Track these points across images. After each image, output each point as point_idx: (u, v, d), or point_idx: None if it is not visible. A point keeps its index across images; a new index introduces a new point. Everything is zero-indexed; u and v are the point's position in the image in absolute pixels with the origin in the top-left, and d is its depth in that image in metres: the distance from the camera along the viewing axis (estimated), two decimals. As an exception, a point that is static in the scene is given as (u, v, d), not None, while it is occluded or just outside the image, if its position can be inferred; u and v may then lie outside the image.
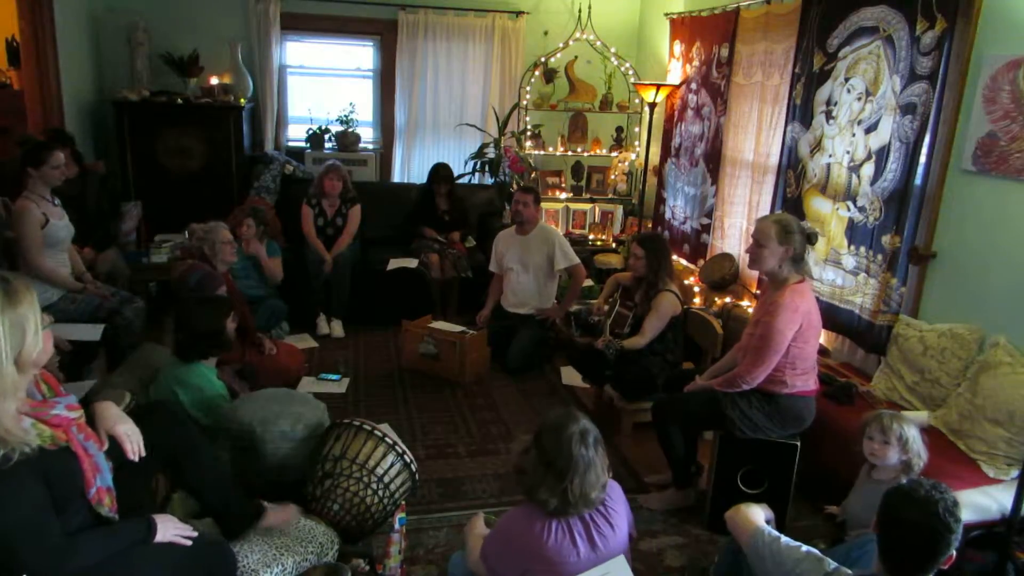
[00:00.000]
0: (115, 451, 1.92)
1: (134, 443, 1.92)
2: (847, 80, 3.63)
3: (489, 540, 2.03)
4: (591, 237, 6.04)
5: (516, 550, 1.93)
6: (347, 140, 5.91)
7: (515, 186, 5.81)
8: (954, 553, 1.68)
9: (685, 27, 5.37)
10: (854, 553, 2.09)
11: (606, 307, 4.11)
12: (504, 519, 2.03)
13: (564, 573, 1.88)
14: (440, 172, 5.38)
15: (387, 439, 2.69)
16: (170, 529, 1.93)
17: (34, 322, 1.62)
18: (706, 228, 5.02)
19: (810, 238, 2.80)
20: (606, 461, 1.96)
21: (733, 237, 4.75)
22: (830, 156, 3.76)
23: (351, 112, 5.92)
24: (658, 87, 5.36)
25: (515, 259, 4.64)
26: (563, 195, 6.10)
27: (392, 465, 2.69)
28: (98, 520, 1.82)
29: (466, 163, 5.98)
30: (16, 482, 1.59)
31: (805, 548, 1.90)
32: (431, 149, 6.17)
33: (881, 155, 3.40)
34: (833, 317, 3.67)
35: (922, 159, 3.20)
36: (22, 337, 1.59)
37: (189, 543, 1.95)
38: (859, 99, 3.55)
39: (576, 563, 1.89)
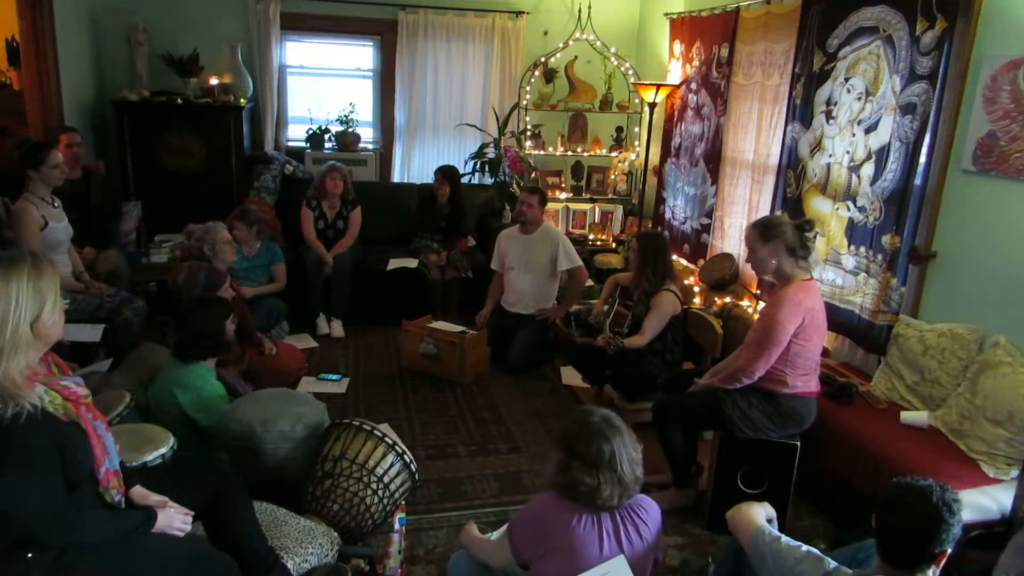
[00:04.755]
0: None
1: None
2: (847, 80, 3.63)
3: (519, 518, 2.04)
4: (591, 237, 6.04)
5: (543, 529, 1.95)
6: (347, 140, 5.90)
7: (515, 186, 5.81)
8: (948, 550, 1.68)
9: (685, 27, 5.37)
10: (859, 555, 2.09)
11: (605, 308, 4.11)
12: (537, 499, 2.05)
13: (584, 564, 1.90)
14: (445, 171, 5.34)
15: (387, 439, 2.70)
16: (170, 518, 1.95)
17: (53, 297, 1.72)
18: (706, 228, 5.02)
19: (802, 227, 2.79)
20: (631, 433, 2.01)
21: (733, 237, 4.75)
22: (830, 156, 3.75)
23: (351, 112, 5.91)
24: (658, 87, 5.36)
25: (517, 258, 4.64)
26: (563, 195, 6.10)
27: (392, 465, 2.69)
28: (105, 508, 1.86)
29: (466, 163, 5.97)
30: (29, 442, 1.64)
31: (805, 548, 1.90)
32: (431, 149, 6.17)
33: (881, 155, 3.40)
34: (833, 317, 3.66)
35: (922, 159, 3.20)
36: (41, 305, 1.69)
37: (182, 535, 1.97)
38: (859, 99, 3.55)
39: (598, 557, 1.91)
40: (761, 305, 3.19)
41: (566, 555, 1.91)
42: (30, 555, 1.67)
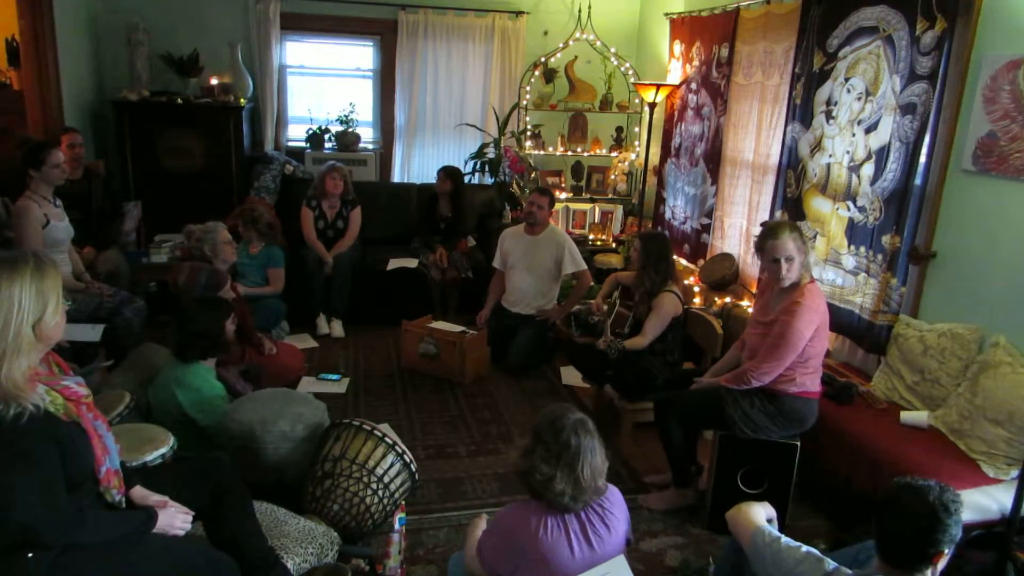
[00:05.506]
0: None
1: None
2: (847, 80, 3.63)
3: (485, 535, 2.04)
4: (591, 237, 6.04)
5: (510, 545, 1.93)
6: (347, 140, 5.91)
7: (515, 186, 5.81)
8: (945, 551, 1.68)
9: (685, 27, 5.37)
10: (861, 555, 2.09)
11: (605, 306, 4.11)
12: (500, 514, 2.04)
13: (557, 570, 1.88)
14: (448, 170, 5.33)
15: (387, 439, 2.70)
16: (171, 518, 1.95)
17: (56, 298, 1.71)
18: (706, 228, 5.02)
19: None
20: (603, 448, 1.99)
21: (733, 237, 4.75)
22: (830, 156, 3.75)
23: (351, 112, 5.92)
24: (658, 87, 5.35)
25: (520, 258, 4.64)
26: (563, 195, 6.10)
27: (392, 465, 2.69)
28: (106, 507, 1.86)
29: (466, 163, 5.97)
30: (31, 442, 1.63)
31: (805, 548, 1.90)
32: (431, 149, 6.17)
33: (881, 155, 3.40)
34: (833, 317, 3.65)
35: (922, 159, 3.20)
36: (44, 307, 1.68)
37: (182, 534, 1.97)
38: (859, 99, 3.55)
39: (571, 561, 1.89)
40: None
41: (538, 565, 1.88)
42: (30, 555, 1.67)
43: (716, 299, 4.54)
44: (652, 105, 5.43)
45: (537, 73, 5.96)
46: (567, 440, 1.89)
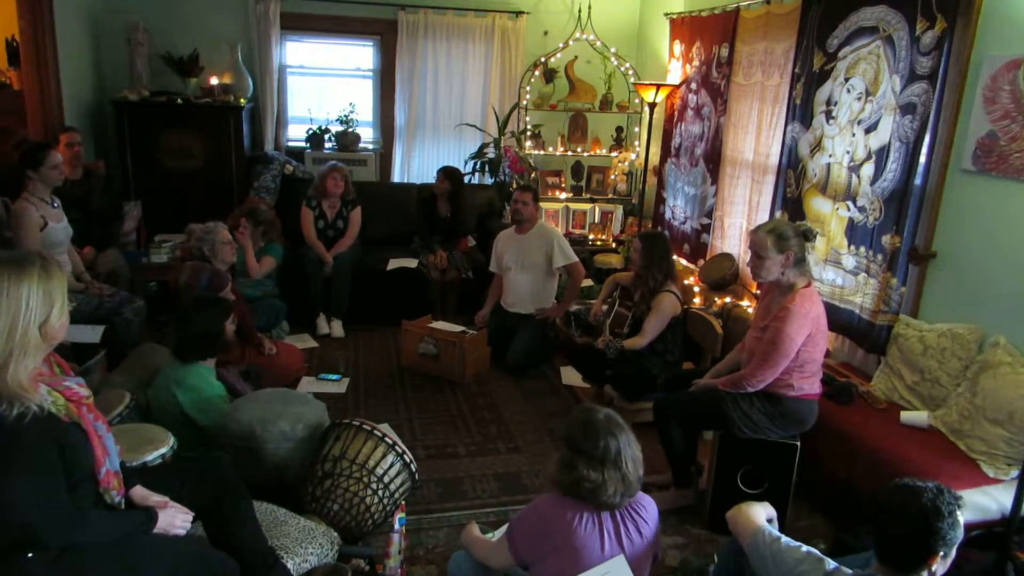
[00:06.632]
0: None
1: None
2: (847, 80, 3.63)
3: (519, 520, 2.04)
4: (591, 237, 6.04)
5: (543, 531, 1.95)
6: (347, 140, 5.91)
7: (515, 186, 5.81)
8: (941, 553, 1.67)
9: (685, 27, 5.37)
10: (871, 562, 2.08)
11: (604, 307, 4.11)
12: (536, 503, 2.05)
13: (585, 564, 1.90)
14: (447, 171, 5.32)
15: (387, 439, 2.70)
16: (171, 517, 1.95)
17: (62, 299, 1.73)
18: (706, 228, 5.02)
19: (807, 235, 2.80)
20: (632, 434, 2.02)
21: (733, 237, 4.75)
22: (830, 156, 3.76)
23: (351, 112, 5.92)
24: (658, 87, 5.35)
25: (514, 258, 4.64)
26: (563, 195, 6.10)
27: (392, 465, 2.69)
28: (105, 508, 1.86)
29: (466, 163, 5.97)
30: (32, 442, 1.64)
31: (806, 548, 1.90)
32: (431, 149, 6.17)
33: (881, 155, 3.40)
34: (833, 317, 3.66)
35: (922, 159, 3.21)
36: (50, 307, 1.69)
37: (182, 534, 1.97)
38: (859, 99, 3.55)
39: (599, 557, 1.92)
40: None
41: (567, 556, 1.91)
42: (30, 555, 1.67)
43: (716, 299, 4.54)
44: (652, 105, 5.43)
45: (537, 73, 5.95)
46: (606, 445, 1.93)
